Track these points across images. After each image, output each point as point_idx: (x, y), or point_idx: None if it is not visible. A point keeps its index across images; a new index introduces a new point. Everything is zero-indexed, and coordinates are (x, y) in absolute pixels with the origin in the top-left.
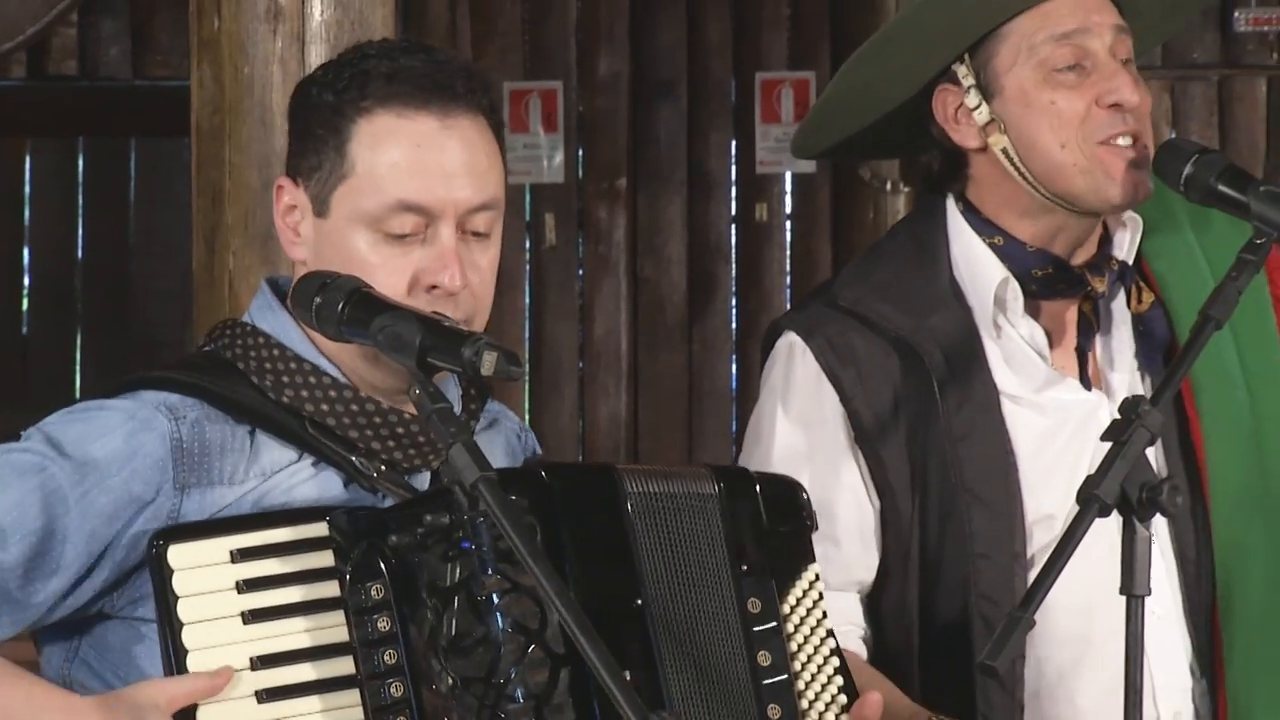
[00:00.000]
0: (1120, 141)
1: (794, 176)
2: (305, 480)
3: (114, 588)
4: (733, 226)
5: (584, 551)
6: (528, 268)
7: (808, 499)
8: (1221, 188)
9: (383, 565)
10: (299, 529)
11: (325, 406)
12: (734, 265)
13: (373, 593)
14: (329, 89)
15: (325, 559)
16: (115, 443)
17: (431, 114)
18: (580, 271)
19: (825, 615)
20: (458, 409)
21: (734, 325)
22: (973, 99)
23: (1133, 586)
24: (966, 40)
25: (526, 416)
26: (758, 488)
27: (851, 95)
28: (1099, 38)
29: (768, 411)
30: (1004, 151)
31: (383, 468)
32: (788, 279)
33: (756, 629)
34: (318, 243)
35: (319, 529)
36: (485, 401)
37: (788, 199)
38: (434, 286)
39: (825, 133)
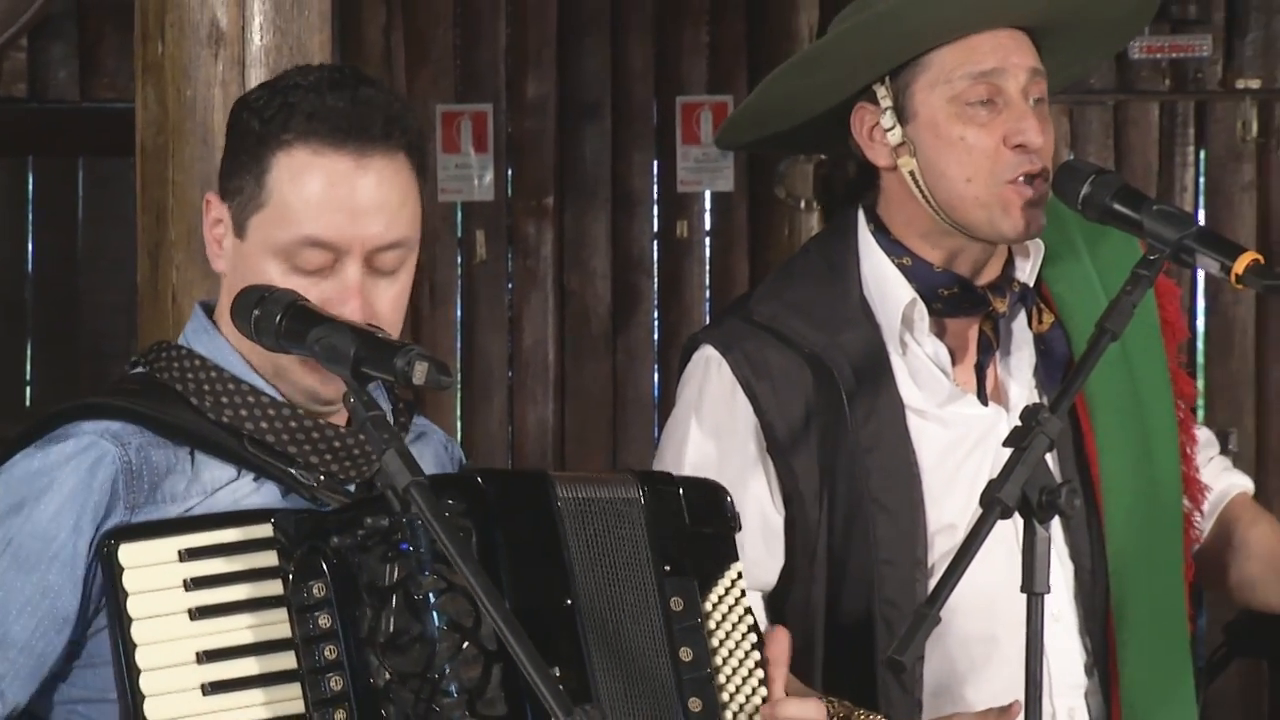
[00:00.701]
0: (1023, 179)
1: (713, 195)
2: (248, 494)
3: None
4: (655, 242)
5: (517, 553)
6: (459, 282)
7: (731, 502)
8: (1117, 206)
9: (324, 565)
10: (244, 530)
11: (265, 424)
12: (656, 279)
13: (314, 591)
14: (257, 116)
15: (269, 559)
16: (65, 493)
17: (347, 153)
18: (509, 285)
19: (748, 611)
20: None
21: (656, 336)
22: (888, 120)
23: (1033, 585)
24: (888, 65)
25: (458, 424)
26: (680, 491)
27: (774, 104)
28: (1014, 78)
29: (682, 420)
30: (911, 174)
31: (321, 478)
32: (707, 292)
33: (679, 626)
34: (235, 260)
35: (264, 530)
36: (413, 416)
37: (707, 216)
38: None
39: (747, 131)
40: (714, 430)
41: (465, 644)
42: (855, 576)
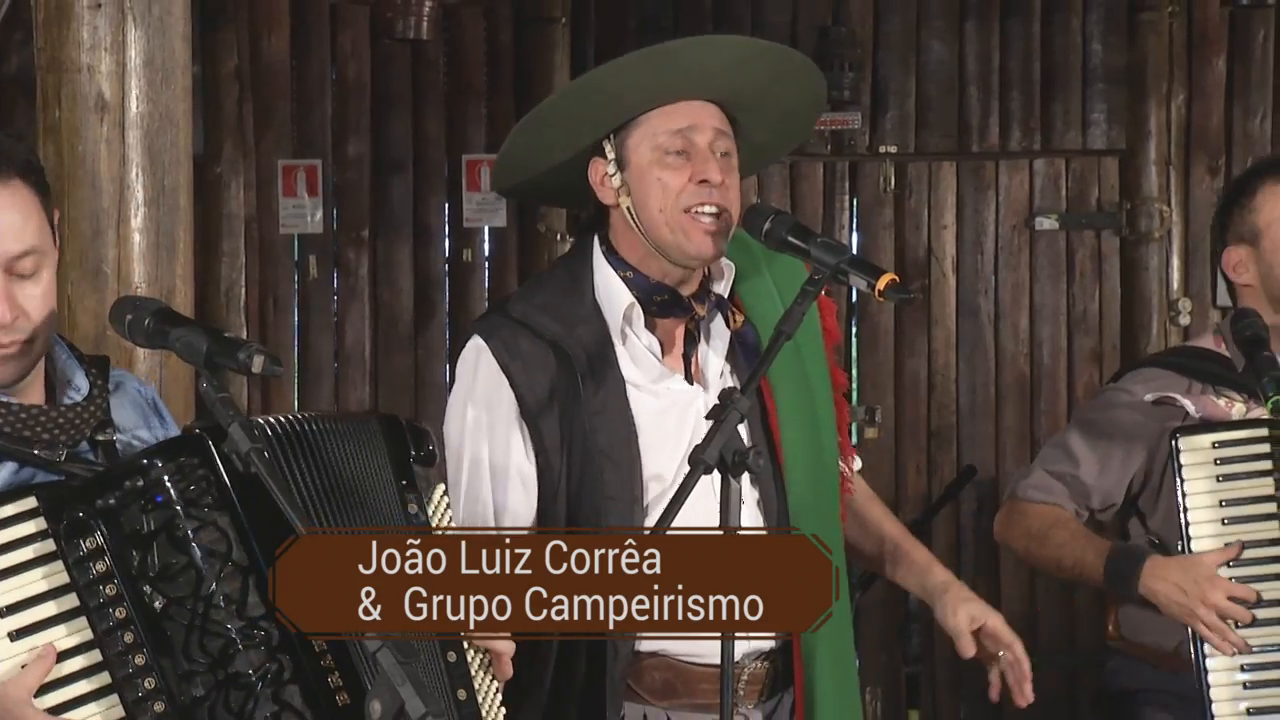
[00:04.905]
0: (706, 209)
1: (491, 230)
2: (8, 475)
3: None
4: (446, 266)
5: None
6: (295, 295)
7: (435, 441)
8: (790, 238)
9: (93, 523)
10: (15, 504)
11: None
12: (447, 294)
13: (87, 544)
14: None
15: (39, 524)
16: None
17: None
18: (335, 298)
19: (450, 521)
20: (86, 389)
21: (448, 337)
22: (611, 169)
23: (728, 522)
24: (609, 126)
25: (295, 404)
26: (404, 427)
27: (519, 154)
28: (702, 134)
29: (460, 396)
30: (628, 209)
31: (64, 454)
32: (486, 304)
33: (416, 524)
34: None
35: (28, 503)
36: (108, 374)
37: (486, 246)
38: None
39: (506, 177)
40: (484, 401)
41: (224, 566)
42: (588, 512)
